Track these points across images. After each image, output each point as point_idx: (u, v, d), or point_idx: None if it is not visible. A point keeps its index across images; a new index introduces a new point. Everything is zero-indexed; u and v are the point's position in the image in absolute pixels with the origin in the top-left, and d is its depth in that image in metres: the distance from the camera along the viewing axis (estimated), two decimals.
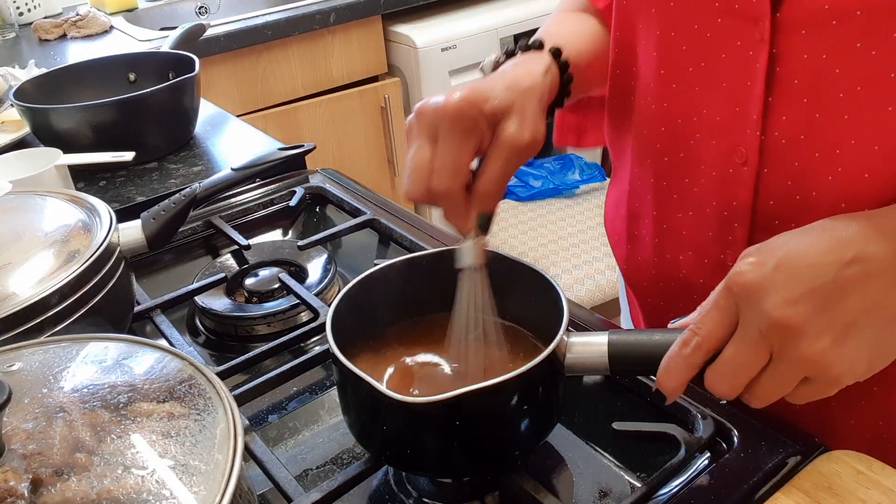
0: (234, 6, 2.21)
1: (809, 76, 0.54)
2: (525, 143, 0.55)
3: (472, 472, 0.55)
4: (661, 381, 0.49)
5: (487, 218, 0.57)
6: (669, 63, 0.63)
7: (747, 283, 0.45)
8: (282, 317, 0.77)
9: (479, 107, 0.54)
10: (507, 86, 0.57)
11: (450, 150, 0.54)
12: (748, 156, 0.58)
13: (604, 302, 1.68)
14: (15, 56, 1.82)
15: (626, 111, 0.71)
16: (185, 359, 0.48)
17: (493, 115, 0.55)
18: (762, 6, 0.55)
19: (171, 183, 1.06)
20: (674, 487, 0.53)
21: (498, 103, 0.55)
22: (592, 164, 2.10)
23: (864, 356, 0.46)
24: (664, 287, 0.71)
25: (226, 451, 0.41)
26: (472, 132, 0.54)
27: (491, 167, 0.55)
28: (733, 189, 0.60)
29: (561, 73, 0.65)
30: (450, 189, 0.54)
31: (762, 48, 0.55)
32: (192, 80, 1.14)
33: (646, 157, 0.69)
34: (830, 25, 0.52)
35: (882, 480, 0.50)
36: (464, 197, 0.55)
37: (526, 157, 0.56)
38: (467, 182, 0.55)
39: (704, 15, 0.59)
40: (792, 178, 0.57)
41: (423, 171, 0.54)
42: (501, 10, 2.18)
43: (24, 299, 0.60)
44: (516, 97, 0.56)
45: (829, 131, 0.54)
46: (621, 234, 0.76)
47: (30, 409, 0.42)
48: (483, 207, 0.56)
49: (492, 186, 0.55)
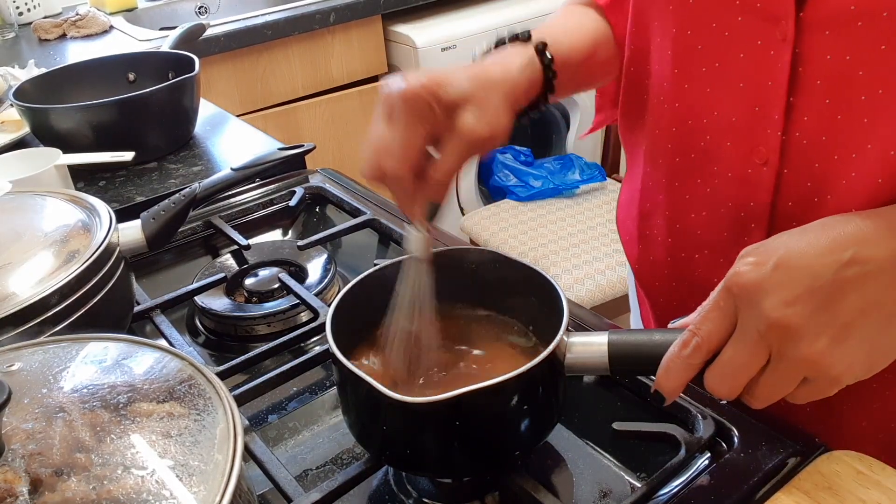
0: (234, 6, 2.21)
1: (832, 77, 0.53)
2: (480, 136, 0.55)
3: (472, 472, 0.55)
4: (660, 381, 0.49)
5: (436, 207, 0.57)
6: (683, 62, 0.63)
7: (746, 284, 0.45)
8: (282, 317, 0.77)
9: (435, 93, 0.54)
10: (472, 76, 0.56)
11: (399, 133, 0.54)
12: (769, 156, 0.58)
13: (604, 302, 1.68)
14: (15, 56, 1.82)
15: (640, 110, 0.71)
16: (185, 359, 0.48)
17: (451, 104, 0.55)
18: (786, 5, 0.54)
19: (171, 183, 1.06)
20: (674, 487, 0.53)
21: (455, 92, 0.55)
22: (592, 164, 2.09)
23: (862, 356, 0.46)
24: (678, 287, 0.71)
25: (226, 451, 0.41)
26: (424, 118, 0.54)
27: (444, 157, 0.55)
28: (752, 190, 0.60)
29: (544, 70, 0.64)
30: (397, 171, 0.54)
31: (784, 48, 0.55)
32: (191, 80, 1.14)
33: (658, 157, 0.69)
34: (856, 26, 0.51)
35: (882, 480, 0.50)
36: (412, 182, 0.55)
37: (483, 150, 0.56)
38: (418, 168, 0.55)
39: (724, 13, 0.58)
40: (812, 179, 0.56)
41: (374, 150, 0.55)
42: (501, 10, 2.18)
43: (24, 299, 0.60)
44: (478, 88, 0.56)
45: (848, 134, 0.54)
46: (633, 234, 0.76)
47: (30, 409, 0.42)
48: (431, 196, 0.56)
49: (443, 176, 0.55)
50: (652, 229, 0.72)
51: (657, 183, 0.70)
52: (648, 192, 0.72)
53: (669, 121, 0.66)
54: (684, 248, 0.68)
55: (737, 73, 0.59)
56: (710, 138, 0.62)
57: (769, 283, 0.45)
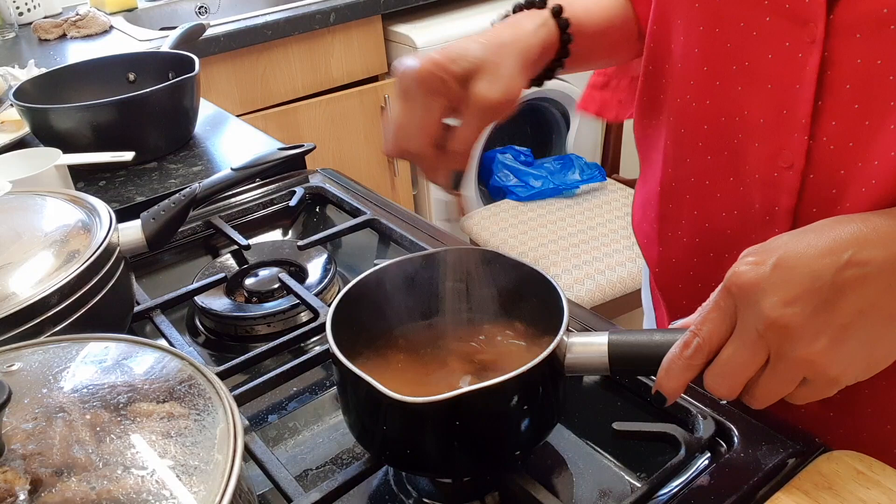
0: (234, 6, 2.21)
1: (862, 81, 0.52)
2: (494, 101, 0.56)
3: (472, 472, 0.55)
4: (661, 382, 0.49)
5: (459, 175, 0.58)
6: (713, 60, 0.62)
7: (745, 284, 0.45)
8: (282, 317, 0.77)
9: (446, 68, 0.56)
10: (483, 43, 0.58)
11: (417, 111, 0.56)
12: (794, 160, 0.57)
13: (604, 302, 1.68)
14: (15, 56, 1.82)
15: (658, 110, 0.70)
16: (185, 359, 0.48)
17: (465, 75, 0.56)
18: (816, 7, 0.53)
19: (171, 183, 1.06)
20: (674, 487, 0.53)
21: (468, 63, 0.56)
22: (592, 164, 2.09)
23: (861, 357, 0.46)
24: (702, 288, 0.69)
25: (226, 451, 0.41)
26: (439, 93, 0.56)
27: (462, 127, 0.57)
28: (776, 193, 0.59)
29: (560, 32, 0.64)
30: (419, 148, 0.57)
31: (813, 50, 0.54)
32: (191, 80, 1.14)
33: (685, 157, 0.67)
34: (887, 30, 0.50)
35: (882, 480, 0.50)
36: (435, 154, 0.57)
37: (500, 114, 0.57)
38: (438, 141, 0.57)
39: (752, 13, 0.58)
40: (836, 185, 0.55)
41: (395, 129, 0.57)
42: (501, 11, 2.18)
43: (24, 299, 0.60)
44: (490, 54, 0.57)
45: (875, 140, 0.53)
46: (652, 237, 0.75)
47: (30, 409, 0.42)
48: (454, 165, 0.58)
49: (462, 146, 0.57)
50: (675, 230, 0.71)
51: (683, 183, 0.68)
52: (671, 193, 0.70)
53: (700, 119, 0.64)
54: (713, 249, 0.67)
55: (765, 74, 0.58)
56: (742, 136, 0.61)
57: (768, 283, 0.45)
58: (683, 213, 0.69)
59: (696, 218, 0.68)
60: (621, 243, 1.79)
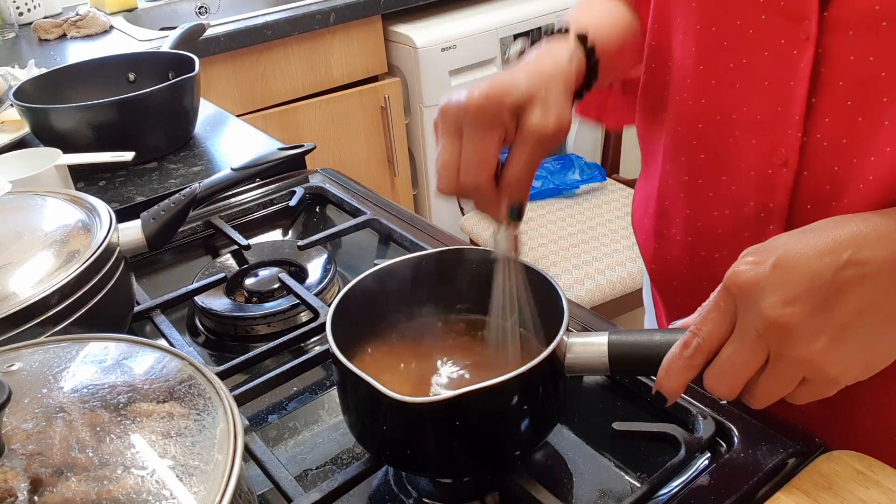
0: (234, 6, 2.21)
1: (855, 78, 0.53)
2: (549, 132, 0.55)
3: (472, 472, 0.55)
4: (661, 382, 0.49)
5: (518, 207, 0.57)
6: (709, 58, 0.62)
7: (744, 283, 0.45)
8: (282, 317, 0.77)
9: (500, 100, 0.55)
10: (530, 75, 0.57)
11: (474, 146, 0.55)
12: (788, 157, 0.57)
13: (604, 302, 1.68)
14: (15, 56, 1.82)
15: (660, 106, 0.70)
16: (185, 359, 0.48)
17: (516, 107, 0.55)
18: (810, 4, 0.53)
19: (171, 183, 1.06)
20: (674, 487, 0.53)
21: (519, 94, 0.55)
22: (592, 164, 2.09)
23: (861, 357, 0.46)
24: (696, 286, 0.70)
25: (226, 451, 0.41)
26: (494, 126, 0.55)
27: (517, 158, 0.56)
28: (771, 190, 0.59)
29: (588, 59, 0.64)
30: (477, 183, 0.55)
31: (807, 47, 0.54)
32: (191, 80, 1.14)
33: (680, 154, 0.68)
34: (880, 27, 0.51)
35: (882, 480, 0.50)
36: (493, 188, 0.56)
37: (553, 144, 0.57)
38: (495, 173, 0.56)
39: (747, 11, 0.58)
40: (831, 182, 0.56)
41: (450, 168, 0.56)
42: (501, 10, 2.18)
43: (24, 299, 0.60)
44: (539, 85, 0.56)
45: (868, 136, 0.53)
46: (649, 233, 0.76)
47: (30, 409, 0.42)
48: (512, 198, 0.57)
49: (519, 177, 0.56)
50: (670, 228, 0.72)
51: (678, 180, 0.69)
52: (667, 190, 0.71)
53: (695, 117, 0.65)
54: (704, 247, 0.68)
55: (761, 72, 0.58)
56: (738, 135, 0.61)
57: (767, 283, 0.45)
58: (677, 211, 0.70)
59: (687, 216, 0.69)
60: (621, 243, 1.79)
